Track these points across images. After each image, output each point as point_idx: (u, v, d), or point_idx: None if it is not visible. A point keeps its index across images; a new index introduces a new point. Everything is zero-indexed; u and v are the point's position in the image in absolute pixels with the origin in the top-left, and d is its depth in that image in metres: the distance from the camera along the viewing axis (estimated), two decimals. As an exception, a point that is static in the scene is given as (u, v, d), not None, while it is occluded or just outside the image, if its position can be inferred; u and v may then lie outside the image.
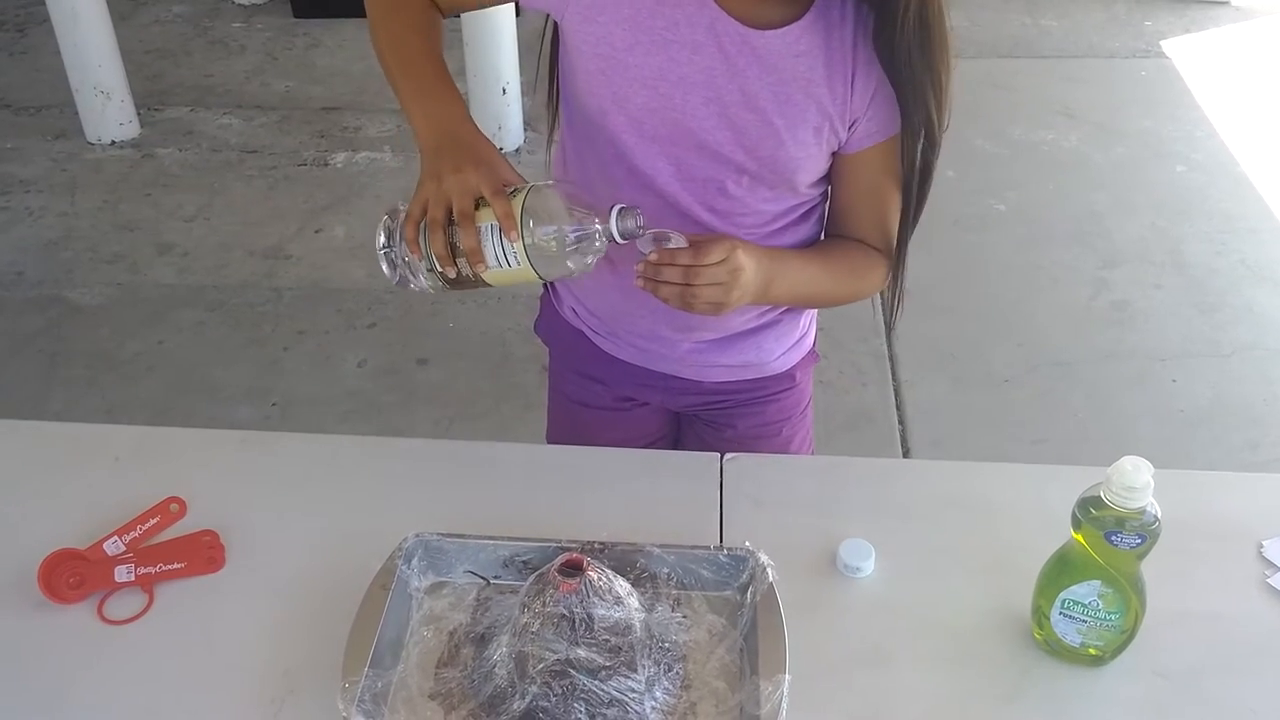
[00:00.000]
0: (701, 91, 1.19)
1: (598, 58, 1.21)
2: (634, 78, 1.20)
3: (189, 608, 1.14)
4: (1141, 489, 0.95)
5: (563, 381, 1.61)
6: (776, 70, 1.18)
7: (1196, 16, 5.06)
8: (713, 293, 1.15)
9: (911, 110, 1.19)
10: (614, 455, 1.37)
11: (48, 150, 4.11)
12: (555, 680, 0.99)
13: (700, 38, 1.17)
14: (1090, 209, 3.66)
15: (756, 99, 1.19)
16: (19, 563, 1.15)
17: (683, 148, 1.23)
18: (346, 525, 1.23)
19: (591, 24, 1.20)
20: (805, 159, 1.24)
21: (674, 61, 1.18)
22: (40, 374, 3.04)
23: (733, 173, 1.24)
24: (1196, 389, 2.94)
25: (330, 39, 4.94)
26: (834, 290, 1.37)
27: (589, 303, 1.46)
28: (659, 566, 1.13)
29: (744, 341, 1.44)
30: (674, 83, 1.19)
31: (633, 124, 1.23)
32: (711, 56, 1.18)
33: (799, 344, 1.51)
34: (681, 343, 1.42)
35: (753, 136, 1.21)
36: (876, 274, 1.34)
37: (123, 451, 1.34)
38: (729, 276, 1.15)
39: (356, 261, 3.48)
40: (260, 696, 1.04)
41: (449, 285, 1.16)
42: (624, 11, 1.18)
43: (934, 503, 1.26)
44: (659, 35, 1.18)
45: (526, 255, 1.09)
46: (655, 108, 1.21)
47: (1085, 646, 1.05)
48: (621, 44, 1.19)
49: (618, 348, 1.46)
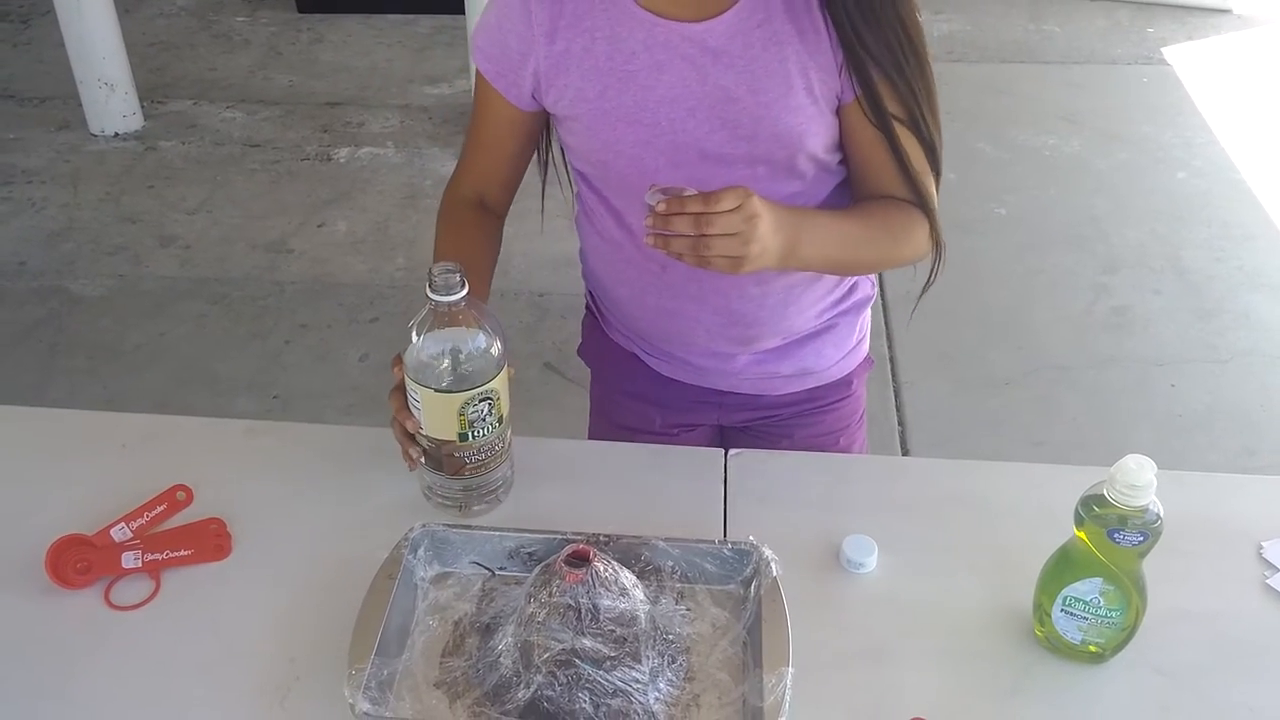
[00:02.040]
0: (683, 104, 1.20)
1: (580, 116, 1.24)
2: (617, 119, 1.22)
3: (196, 594, 1.14)
4: (1144, 487, 0.96)
5: (609, 406, 1.58)
6: (744, 50, 1.17)
7: (1198, 24, 5.08)
8: (728, 244, 1.10)
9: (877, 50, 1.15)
10: (619, 449, 1.38)
11: (51, 141, 4.12)
12: (560, 670, 1.00)
13: (660, 56, 1.19)
14: (1090, 214, 3.68)
15: (736, 87, 1.18)
16: (26, 548, 1.15)
17: (689, 166, 1.23)
18: (352, 515, 1.23)
19: (561, 90, 1.23)
20: (808, 122, 1.21)
21: (645, 89, 1.20)
22: (41, 364, 3.04)
23: (744, 168, 1.23)
24: (1194, 394, 2.95)
25: (334, 34, 4.95)
26: (874, 251, 1.29)
27: (641, 326, 1.45)
28: (663, 560, 1.14)
29: (802, 349, 1.42)
30: (654, 108, 1.20)
31: (634, 163, 1.24)
32: (678, 69, 1.19)
33: (856, 349, 1.49)
34: (739, 355, 1.41)
35: (748, 124, 1.20)
36: (918, 230, 1.27)
37: (130, 439, 1.34)
38: (744, 224, 1.10)
39: (358, 256, 3.49)
40: (266, 683, 1.05)
41: (451, 478, 1.21)
42: (584, 64, 1.21)
43: (936, 500, 1.27)
44: (620, 71, 1.20)
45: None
46: (647, 139, 1.22)
47: (1086, 644, 1.06)
48: (593, 94, 1.21)
49: (673, 369, 1.45)
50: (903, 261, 1.31)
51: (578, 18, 1.20)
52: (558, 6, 1.20)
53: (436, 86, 4.53)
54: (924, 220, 1.27)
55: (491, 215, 1.40)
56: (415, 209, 3.72)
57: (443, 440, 1.17)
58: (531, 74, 1.24)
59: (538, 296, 3.25)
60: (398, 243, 3.55)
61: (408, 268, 3.43)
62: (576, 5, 1.20)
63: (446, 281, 1.10)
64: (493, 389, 1.15)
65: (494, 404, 1.16)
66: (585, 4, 1.19)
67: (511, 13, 1.22)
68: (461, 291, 1.11)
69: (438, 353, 1.15)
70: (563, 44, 1.21)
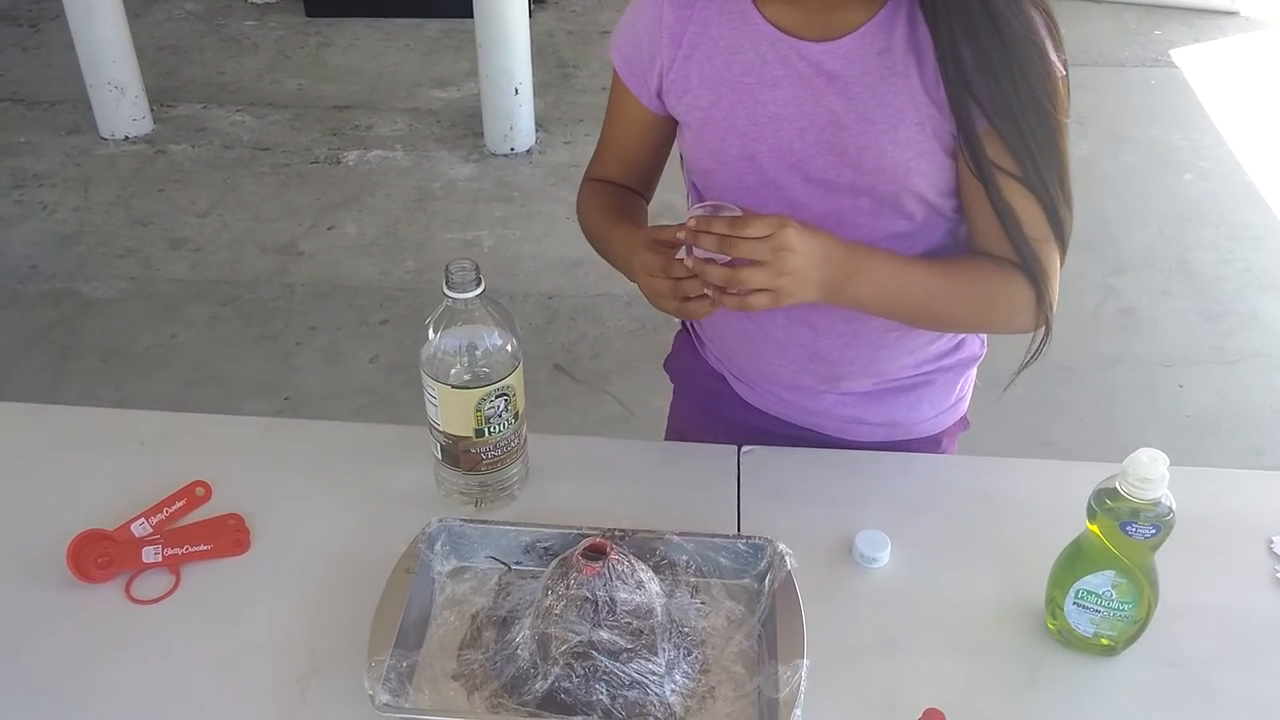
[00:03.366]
0: (792, 124, 1.18)
1: (693, 123, 1.24)
2: (725, 130, 1.21)
3: (215, 589, 1.16)
4: (1157, 480, 0.97)
5: (687, 425, 1.55)
6: (860, 76, 1.14)
7: (1206, 26, 5.08)
8: (756, 274, 1.06)
9: (986, 97, 1.09)
10: (633, 447, 1.39)
11: (61, 145, 4.14)
12: (577, 662, 1.01)
13: (777, 72, 1.17)
14: (1099, 216, 3.68)
15: (847, 113, 1.15)
16: (48, 542, 1.17)
17: (791, 187, 1.21)
18: (369, 511, 1.24)
19: (680, 94, 1.23)
20: (916, 159, 1.15)
21: (758, 103, 1.18)
22: (53, 366, 3.06)
23: (847, 198, 1.19)
24: (1202, 395, 2.96)
25: (342, 38, 4.97)
26: (953, 308, 1.21)
27: (730, 348, 1.42)
28: (678, 554, 1.15)
29: (895, 399, 1.38)
30: (763, 124, 1.19)
31: (735, 177, 1.23)
32: (792, 87, 1.17)
33: (953, 408, 1.44)
34: (825, 394, 1.37)
35: (853, 152, 1.16)
36: (1019, 297, 1.19)
37: (148, 436, 1.35)
38: (772, 254, 1.06)
39: (368, 259, 3.50)
40: (287, 676, 1.06)
41: (467, 474, 1.22)
42: (704, 71, 1.20)
43: (949, 496, 1.28)
44: (737, 83, 1.19)
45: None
46: (752, 153, 1.20)
47: (1098, 636, 1.07)
48: (707, 102, 1.21)
49: (758, 397, 1.42)
50: (995, 328, 1.24)
51: (705, 24, 1.20)
52: (687, 11, 1.20)
53: (445, 90, 4.54)
54: (1029, 288, 1.18)
55: (631, 192, 1.40)
56: (424, 212, 3.74)
57: (459, 436, 1.18)
58: (658, 74, 1.24)
59: (547, 299, 3.26)
60: (407, 245, 3.56)
61: (417, 270, 3.44)
62: (706, 12, 1.19)
63: (463, 278, 1.11)
64: (509, 385, 1.16)
65: (510, 400, 1.17)
66: (714, 12, 1.19)
67: (646, 12, 1.23)
68: (478, 289, 1.12)
69: (454, 349, 1.17)
70: (687, 48, 1.21)
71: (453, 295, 1.12)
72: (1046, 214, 1.15)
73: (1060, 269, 1.22)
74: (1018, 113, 1.10)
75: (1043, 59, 1.09)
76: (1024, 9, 1.08)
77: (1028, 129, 1.11)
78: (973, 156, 1.12)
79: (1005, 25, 1.07)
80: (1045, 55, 1.10)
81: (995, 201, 1.14)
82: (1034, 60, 1.09)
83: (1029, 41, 1.08)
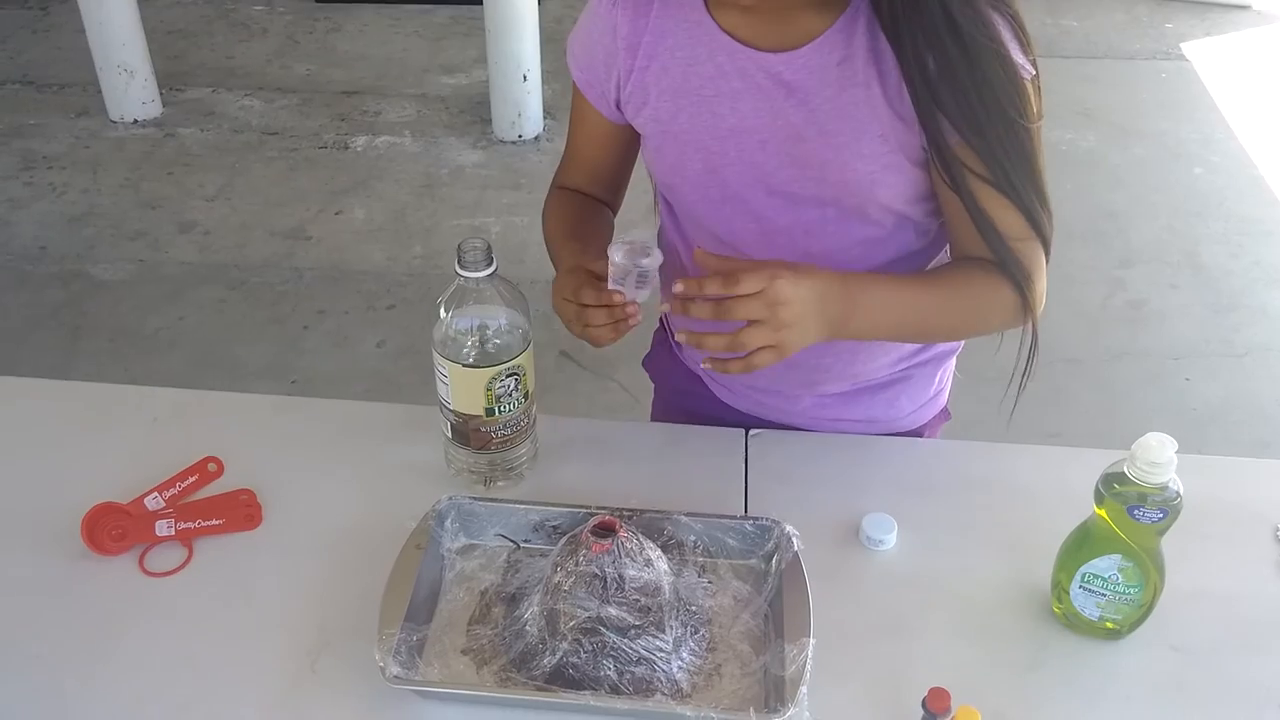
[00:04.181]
0: (754, 136, 1.16)
1: (654, 136, 1.22)
2: (685, 144, 1.19)
3: (227, 562, 1.17)
4: (1165, 464, 0.97)
5: (666, 421, 1.55)
6: (819, 88, 1.11)
7: (1217, 19, 5.07)
8: (756, 335, 1.04)
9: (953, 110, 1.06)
10: (641, 429, 1.40)
11: (71, 128, 4.15)
12: (586, 638, 1.02)
13: (736, 84, 1.14)
14: (1108, 209, 3.68)
15: (807, 125, 1.13)
16: (62, 515, 1.18)
17: (755, 201, 1.20)
18: (380, 489, 1.25)
19: (638, 106, 1.21)
20: (880, 171, 1.13)
21: (717, 116, 1.16)
22: (62, 346, 3.08)
23: (813, 209, 1.18)
24: (1209, 388, 2.96)
25: (351, 24, 4.97)
26: (948, 319, 1.21)
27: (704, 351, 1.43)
28: (686, 534, 1.16)
29: (873, 397, 1.37)
30: (724, 137, 1.17)
31: (698, 191, 1.22)
32: (752, 99, 1.14)
33: (932, 401, 1.43)
34: (803, 397, 1.37)
35: (816, 165, 1.15)
36: (1005, 298, 1.17)
37: (160, 413, 1.36)
38: (767, 311, 1.03)
39: (376, 244, 3.51)
40: (297, 648, 1.07)
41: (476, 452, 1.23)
42: (661, 83, 1.18)
43: (956, 481, 1.29)
44: (696, 95, 1.16)
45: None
46: (714, 167, 1.19)
47: (1103, 620, 1.07)
48: (667, 115, 1.19)
49: (735, 398, 1.42)
50: (987, 331, 1.23)
51: (660, 34, 1.16)
52: (642, 20, 1.17)
53: (453, 76, 4.54)
54: (1005, 281, 1.16)
55: (598, 203, 1.37)
56: (432, 198, 3.74)
57: (469, 415, 1.19)
58: (615, 85, 1.22)
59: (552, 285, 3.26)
60: (415, 231, 3.57)
61: (425, 256, 3.45)
62: (660, 21, 1.16)
63: (475, 257, 1.12)
64: (519, 365, 1.17)
65: (520, 380, 1.18)
66: (669, 21, 1.16)
67: (599, 22, 1.20)
68: (490, 268, 1.13)
69: (466, 329, 1.17)
70: (643, 60, 1.18)
71: (465, 274, 1.13)
72: (1024, 216, 1.13)
73: (1046, 264, 1.20)
74: (985, 124, 1.06)
75: (1006, 67, 1.05)
76: (984, 15, 1.04)
77: (996, 139, 1.07)
78: (946, 169, 1.10)
79: (966, 35, 1.02)
80: (1009, 63, 1.05)
81: (972, 211, 1.12)
82: (998, 71, 1.05)
83: (991, 51, 1.04)
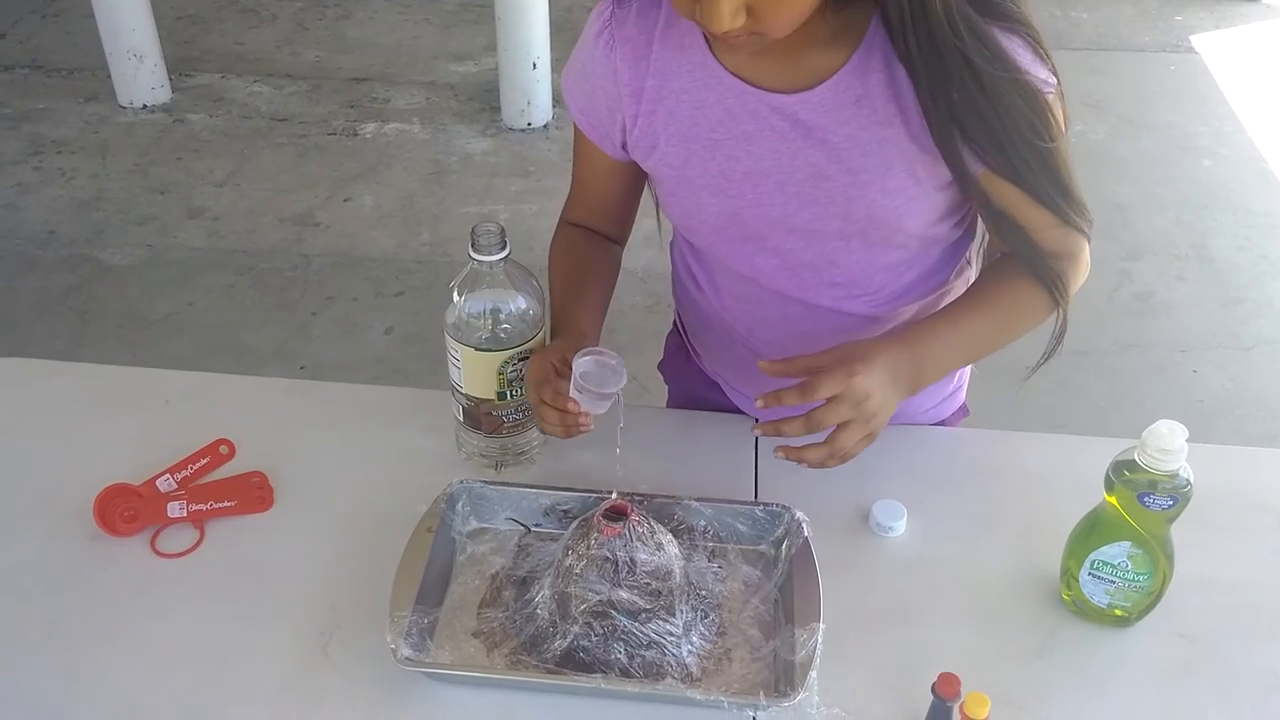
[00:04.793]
0: (771, 178, 1.14)
1: (667, 180, 1.20)
2: (700, 188, 1.17)
3: (239, 544, 1.17)
4: (1175, 452, 0.98)
5: None
6: (838, 126, 1.09)
7: (1226, 13, 5.05)
8: (850, 435, 1.06)
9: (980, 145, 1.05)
10: (652, 414, 1.40)
11: (80, 112, 4.15)
12: (596, 621, 1.02)
13: (748, 126, 1.12)
14: (1116, 201, 3.67)
15: (828, 164, 1.11)
16: (75, 496, 1.18)
17: (776, 238, 1.19)
18: (391, 472, 1.26)
19: (647, 150, 1.18)
20: (907, 203, 1.12)
21: (731, 159, 1.14)
22: (71, 331, 3.08)
23: (838, 242, 1.17)
24: (1216, 380, 2.96)
25: (360, 11, 4.97)
26: (1004, 335, 1.20)
27: (725, 367, 1.42)
28: (696, 519, 1.16)
29: None
30: (740, 180, 1.15)
31: (717, 232, 1.21)
32: (767, 140, 1.12)
33: (951, 397, 1.43)
34: None
35: (840, 202, 1.13)
36: (1042, 296, 1.19)
37: (172, 395, 1.37)
38: (854, 411, 1.05)
39: (385, 231, 3.51)
40: (309, 630, 1.08)
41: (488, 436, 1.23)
42: (669, 128, 1.15)
43: (966, 468, 1.29)
44: (707, 139, 1.14)
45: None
46: (732, 210, 1.17)
47: (1112, 607, 1.08)
48: (678, 160, 1.17)
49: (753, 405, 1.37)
50: (1034, 327, 1.24)
51: (664, 78, 1.13)
52: (643, 64, 1.14)
53: (462, 64, 4.54)
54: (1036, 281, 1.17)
55: (606, 242, 1.35)
56: (441, 185, 3.74)
57: (481, 399, 1.19)
58: (620, 129, 1.19)
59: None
60: (423, 218, 3.57)
61: (433, 243, 3.45)
62: (662, 64, 1.13)
63: (488, 241, 1.12)
64: (532, 349, 1.17)
65: None
66: (671, 64, 1.13)
67: (597, 66, 1.17)
68: (503, 252, 1.13)
69: (478, 312, 1.17)
70: (648, 105, 1.15)
71: (478, 258, 1.13)
72: (1058, 218, 1.13)
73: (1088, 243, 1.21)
74: (1010, 153, 1.05)
75: (1026, 94, 1.03)
76: (1000, 49, 1.01)
77: (1023, 164, 1.07)
78: (974, 195, 1.10)
79: (984, 73, 1.00)
80: (1029, 89, 1.03)
81: (1003, 230, 1.13)
82: (1017, 101, 1.03)
83: (1010, 81, 1.02)
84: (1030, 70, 1.04)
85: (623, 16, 1.14)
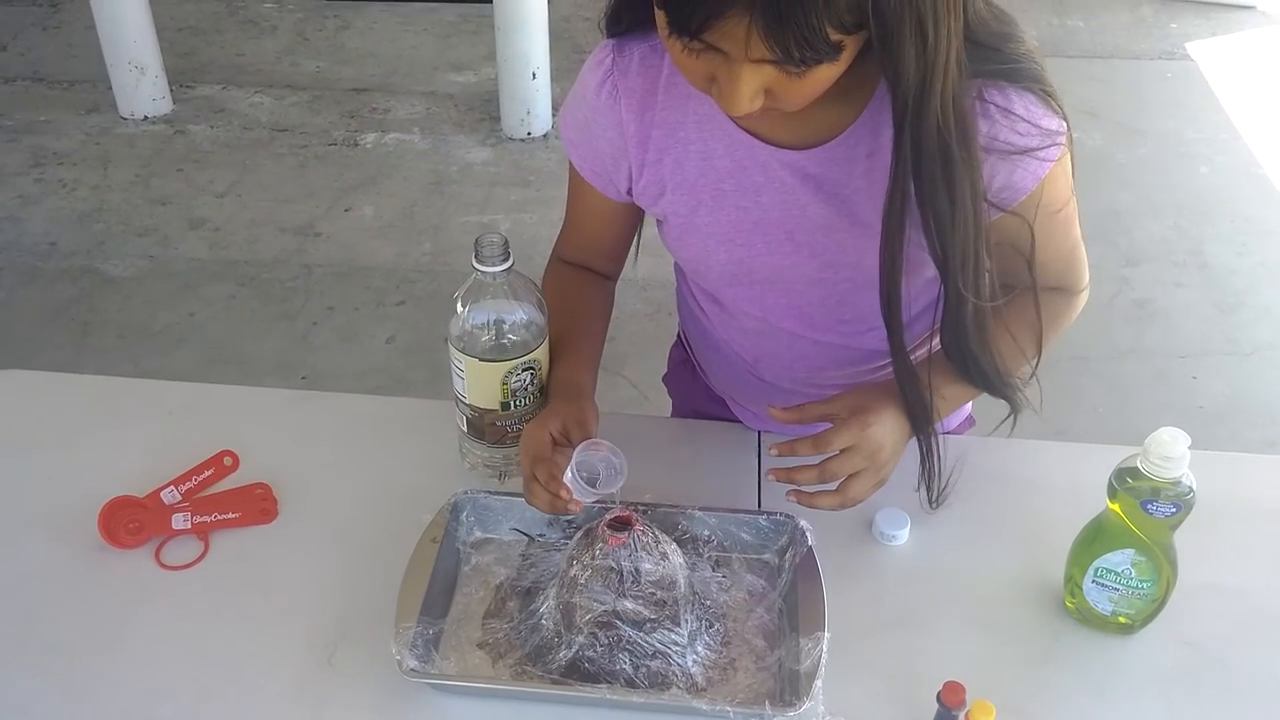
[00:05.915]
0: (780, 229, 1.13)
1: (674, 226, 1.19)
2: (709, 235, 1.16)
3: (244, 556, 1.17)
4: (1178, 459, 0.98)
5: None
6: (847, 180, 1.08)
7: (1222, 20, 5.06)
8: (863, 484, 1.09)
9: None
10: (655, 423, 1.40)
11: (81, 124, 4.16)
12: (601, 631, 1.03)
13: (758, 179, 1.11)
14: (1113, 208, 3.68)
15: (839, 218, 1.10)
16: (79, 508, 1.18)
17: (784, 284, 1.19)
18: (394, 482, 1.26)
19: (653, 198, 1.18)
20: (919, 250, 1.05)
21: (741, 210, 1.13)
22: (73, 342, 3.09)
23: (846, 284, 1.16)
24: (1215, 386, 2.96)
25: (361, 21, 4.97)
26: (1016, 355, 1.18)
27: (732, 387, 1.42)
28: (700, 529, 1.17)
29: None
30: (749, 230, 1.14)
31: (725, 276, 1.21)
32: (776, 193, 1.11)
33: (958, 409, 1.43)
34: None
35: (852, 254, 1.12)
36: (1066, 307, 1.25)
37: (175, 407, 1.37)
38: (867, 461, 1.07)
39: (386, 241, 3.51)
40: (314, 641, 1.08)
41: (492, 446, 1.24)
42: (676, 178, 1.14)
43: (968, 477, 1.28)
44: (715, 190, 1.13)
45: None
46: (741, 259, 1.17)
47: (1116, 615, 1.08)
48: (685, 209, 1.16)
49: (761, 423, 1.39)
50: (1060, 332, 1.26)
51: (670, 128, 1.12)
52: (649, 114, 1.12)
53: (462, 74, 4.55)
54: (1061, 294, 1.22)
55: (600, 280, 1.35)
56: (441, 195, 3.75)
57: (485, 409, 1.19)
58: (626, 177, 1.18)
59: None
60: (424, 228, 3.58)
61: (434, 253, 3.45)
62: (668, 114, 1.11)
63: (492, 252, 1.13)
64: (535, 359, 1.18)
65: (536, 374, 1.19)
66: (677, 113, 1.11)
67: (600, 116, 1.14)
68: (506, 263, 1.13)
69: (482, 323, 1.18)
70: (654, 154, 1.14)
71: (482, 269, 1.13)
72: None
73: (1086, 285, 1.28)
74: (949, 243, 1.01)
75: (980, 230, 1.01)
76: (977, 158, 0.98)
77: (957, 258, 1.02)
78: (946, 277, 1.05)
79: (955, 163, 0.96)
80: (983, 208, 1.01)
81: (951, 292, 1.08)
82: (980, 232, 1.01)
83: (973, 188, 0.99)
84: (1040, 123, 1.05)
85: (624, 66, 1.12)
